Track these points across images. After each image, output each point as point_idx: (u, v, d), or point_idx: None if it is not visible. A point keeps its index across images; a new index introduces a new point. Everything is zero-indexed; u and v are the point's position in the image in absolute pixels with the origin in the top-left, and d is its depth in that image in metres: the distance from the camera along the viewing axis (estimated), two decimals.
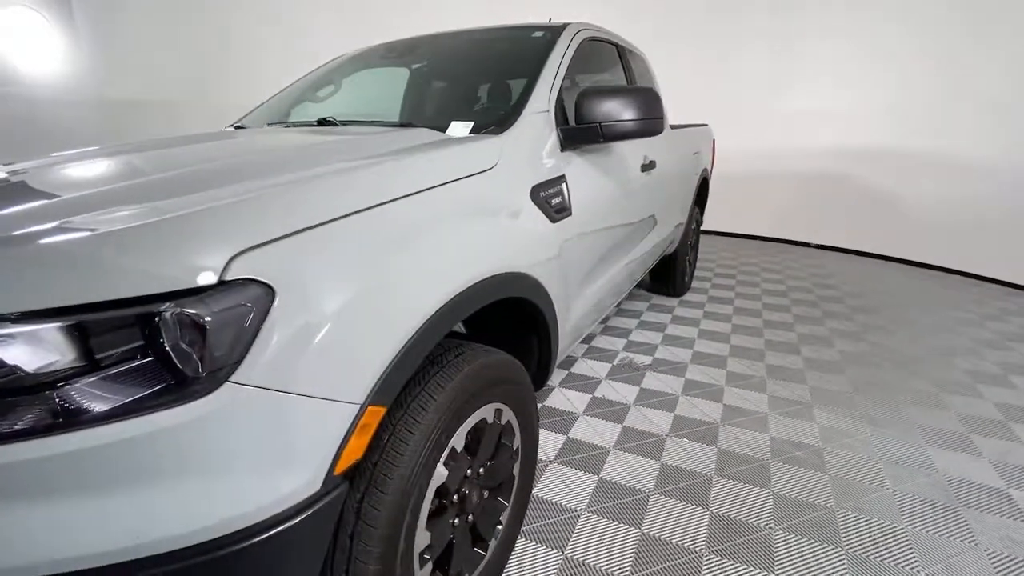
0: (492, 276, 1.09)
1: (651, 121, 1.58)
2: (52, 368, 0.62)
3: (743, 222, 6.33)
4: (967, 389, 2.49)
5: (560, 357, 1.70)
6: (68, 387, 0.62)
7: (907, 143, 5.04)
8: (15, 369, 0.61)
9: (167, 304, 0.64)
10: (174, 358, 0.65)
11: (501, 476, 1.34)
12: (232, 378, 0.68)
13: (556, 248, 1.43)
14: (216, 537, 0.68)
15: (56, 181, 1.06)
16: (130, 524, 0.64)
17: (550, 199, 1.39)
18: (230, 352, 0.68)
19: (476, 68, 1.91)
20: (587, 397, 2.37)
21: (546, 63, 1.64)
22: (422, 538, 1.02)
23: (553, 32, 1.82)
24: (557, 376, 2.58)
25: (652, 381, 2.52)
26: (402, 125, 1.52)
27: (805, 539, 1.53)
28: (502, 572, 1.39)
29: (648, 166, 2.28)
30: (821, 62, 5.44)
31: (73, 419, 0.62)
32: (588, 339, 3.04)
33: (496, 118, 1.44)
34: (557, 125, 1.55)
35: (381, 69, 2.19)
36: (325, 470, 0.76)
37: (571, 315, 1.66)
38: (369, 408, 0.80)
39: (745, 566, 1.44)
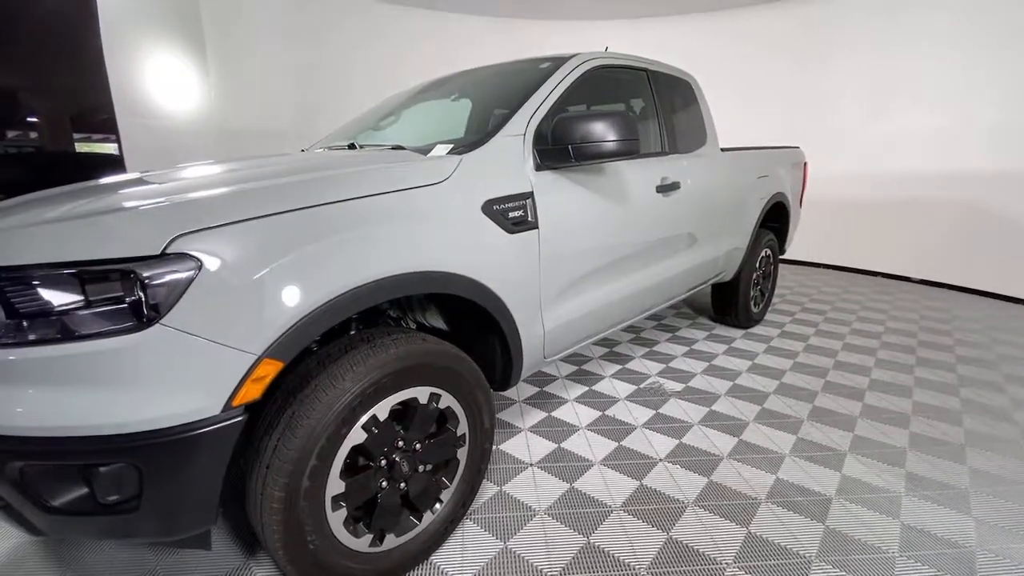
0: (412, 272, 1.28)
1: (625, 143, 1.65)
2: (60, 301, 0.95)
3: (861, 255, 5.63)
4: None
5: (532, 363, 1.80)
6: (66, 314, 0.95)
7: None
8: (43, 300, 0.95)
9: (127, 264, 0.95)
10: (125, 301, 0.96)
11: (441, 456, 1.50)
12: (162, 321, 0.96)
13: (511, 257, 1.57)
14: (144, 431, 0.96)
15: (133, 185, 1.48)
16: (92, 411, 0.95)
17: (507, 212, 1.55)
18: (163, 301, 0.97)
19: (488, 97, 2.13)
20: (596, 414, 2.39)
21: (535, 92, 1.81)
22: (335, 485, 1.23)
23: (556, 63, 1.98)
24: (574, 390, 2.63)
25: (672, 408, 2.45)
26: (394, 148, 1.80)
27: None
28: (439, 546, 1.53)
29: (668, 187, 2.28)
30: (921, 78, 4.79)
31: (67, 335, 0.95)
32: (622, 360, 3.03)
33: (471, 141, 1.64)
34: (535, 147, 1.70)
35: (432, 101, 2.52)
36: (224, 400, 1.01)
37: (543, 324, 1.76)
38: (265, 360, 1.04)
39: None
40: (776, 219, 3.71)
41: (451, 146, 1.64)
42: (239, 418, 1.04)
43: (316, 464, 1.16)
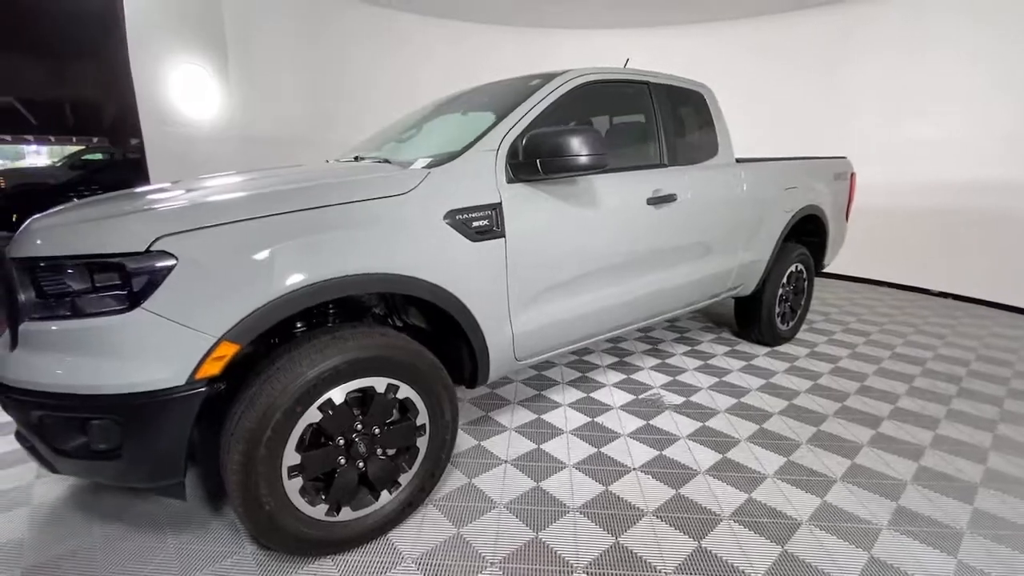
0: (364, 274, 1.43)
1: (591, 158, 1.72)
2: (71, 286, 1.21)
3: (930, 274, 5.14)
4: None
5: (502, 364, 1.91)
6: (75, 296, 1.20)
7: None
8: (60, 284, 1.21)
9: (119, 259, 1.19)
10: (116, 288, 1.19)
11: (401, 443, 1.64)
12: (143, 305, 1.19)
13: (474, 263, 1.68)
14: (124, 393, 1.19)
15: (149, 194, 1.75)
16: (88, 374, 1.19)
17: (470, 221, 1.67)
18: (144, 290, 1.19)
19: (482, 112, 2.26)
20: (586, 420, 2.44)
21: (515, 108, 1.92)
22: (291, 457, 1.41)
23: (544, 80, 2.08)
24: (571, 395, 2.69)
25: (665, 420, 2.44)
26: (383, 161, 1.97)
27: None
28: (396, 525, 1.68)
29: (662, 199, 2.29)
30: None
31: (75, 312, 1.20)
32: (630, 370, 3.03)
33: (448, 155, 1.78)
34: (509, 162, 1.81)
35: (449, 115, 2.69)
36: (188, 373, 1.21)
37: (512, 328, 1.86)
38: (224, 342, 1.24)
39: None
40: (812, 233, 3.53)
41: (429, 160, 1.79)
42: (201, 389, 1.24)
43: (272, 436, 1.35)
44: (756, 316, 3.28)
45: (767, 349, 3.40)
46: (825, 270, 3.88)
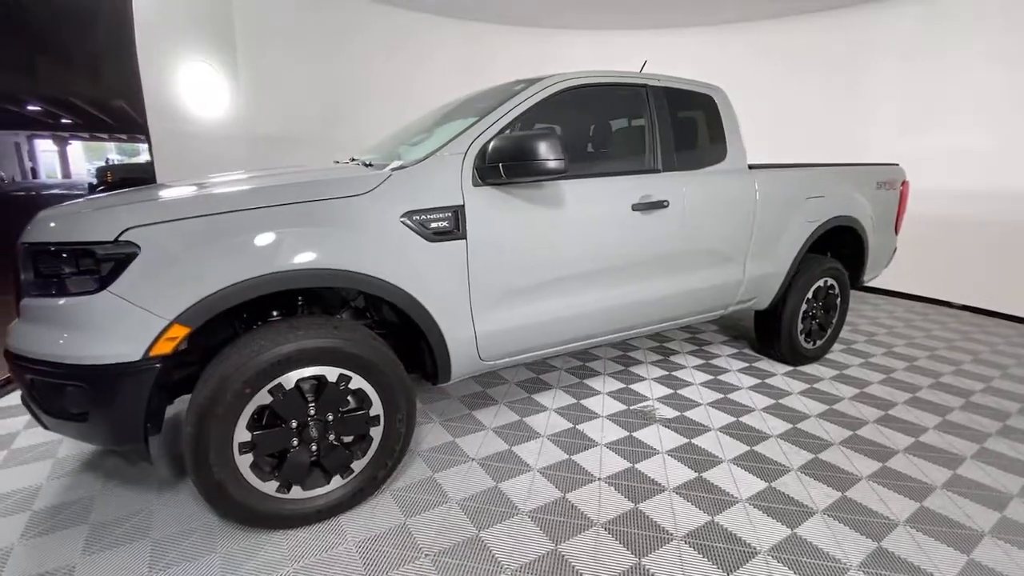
0: (314, 269, 1.53)
1: (550, 162, 1.72)
2: (57, 268, 1.40)
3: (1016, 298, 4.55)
4: None
5: (466, 362, 1.94)
6: (58, 277, 1.39)
7: None
8: (49, 266, 1.40)
9: (91, 246, 1.36)
10: (90, 272, 1.36)
11: (353, 431, 1.73)
12: (109, 288, 1.35)
13: (431, 262, 1.74)
14: (90, 364, 1.36)
15: (141, 191, 1.96)
16: (64, 346, 1.37)
17: (428, 223, 1.72)
18: (111, 275, 1.35)
19: (472, 117, 2.30)
20: (567, 426, 2.42)
21: (489, 113, 1.95)
22: (241, 434, 1.53)
23: (528, 84, 2.09)
24: (560, 401, 2.67)
25: (648, 433, 2.37)
26: (365, 164, 2.07)
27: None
28: (349, 509, 1.76)
29: (651, 206, 2.23)
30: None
31: (59, 291, 1.39)
32: (631, 379, 2.95)
33: (417, 158, 1.84)
34: (476, 166, 1.84)
35: (453, 119, 2.76)
36: (143, 350, 1.36)
37: (475, 328, 1.90)
38: (175, 324, 1.38)
39: None
40: (847, 245, 3.26)
41: (400, 162, 1.87)
42: (156, 366, 1.39)
43: (222, 413, 1.47)
44: (775, 332, 3.09)
45: (788, 368, 3.18)
46: (889, 288, 3.57)
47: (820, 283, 3.10)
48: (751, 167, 2.67)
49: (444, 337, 1.84)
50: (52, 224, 1.46)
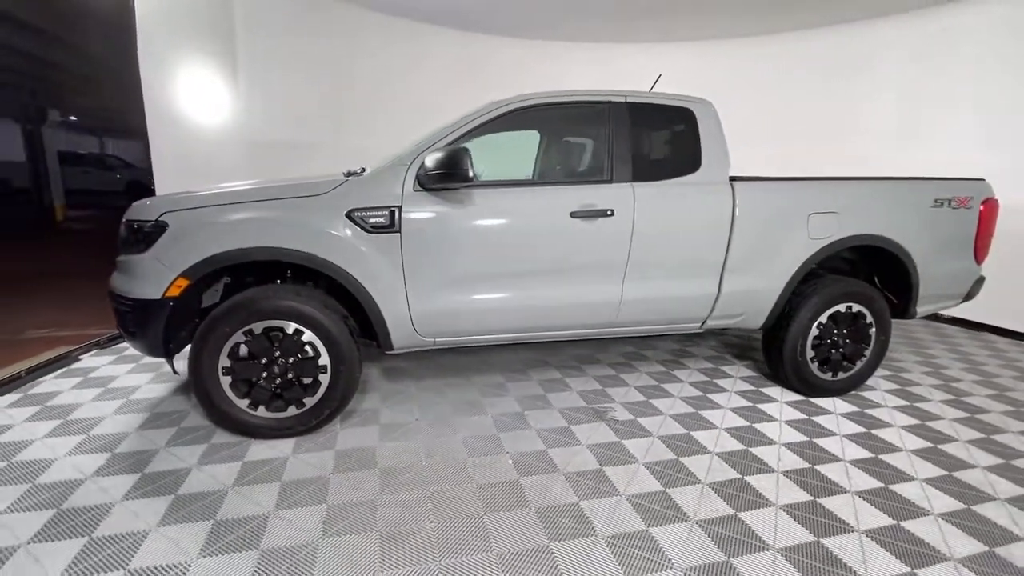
0: (279, 247, 2.10)
1: (453, 172, 2.10)
2: (134, 236, 2.19)
3: None
4: None
5: (404, 335, 2.37)
6: (132, 242, 2.18)
7: None
8: (131, 233, 2.21)
9: (143, 223, 2.12)
10: (142, 240, 2.12)
11: (306, 374, 2.27)
12: (147, 252, 2.10)
13: (368, 250, 2.20)
14: (135, 299, 2.12)
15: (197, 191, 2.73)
16: (128, 286, 2.16)
17: (367, 218, 2.20)
18: (151, 243, 2.10)
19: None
20: (517, 410, 2.67)
21: (439, 129, 2.35)
22: (224, 361, 2.18)
23: (491, 105, 2.42)
24: (529, 390, 2.91)
25: (587, 429, 2.50)
26: (352, 173, 2.60)
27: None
28: (302, 434, 2.31)
29: (593, 213, 2.39)
30: None
31: (130, 251, 2.18)
32: (614, 384, 3.05)
33: (377, 167, 2.33)
34: (419, 174, 2.26)
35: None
36: (161, 292, 2.07)
37: (409, 306, 2.31)
38: (180, 278, 2.06)
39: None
40: (887, 269, 2.88)
41: (368, 169, 2.38)
42: (170, 304, 2.09)
43: (212, 344, 2.13)
44: (779, 355, 2.88)
45: (798, 398, 2.93)
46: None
47: (841, 308, 2.81)
48: (735, 179, 2.60)
49: (381, 311, 2.29)
50: (131, 208, 2.27)
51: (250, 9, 4.72)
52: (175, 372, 2.34)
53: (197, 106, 4.39)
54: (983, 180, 2.96)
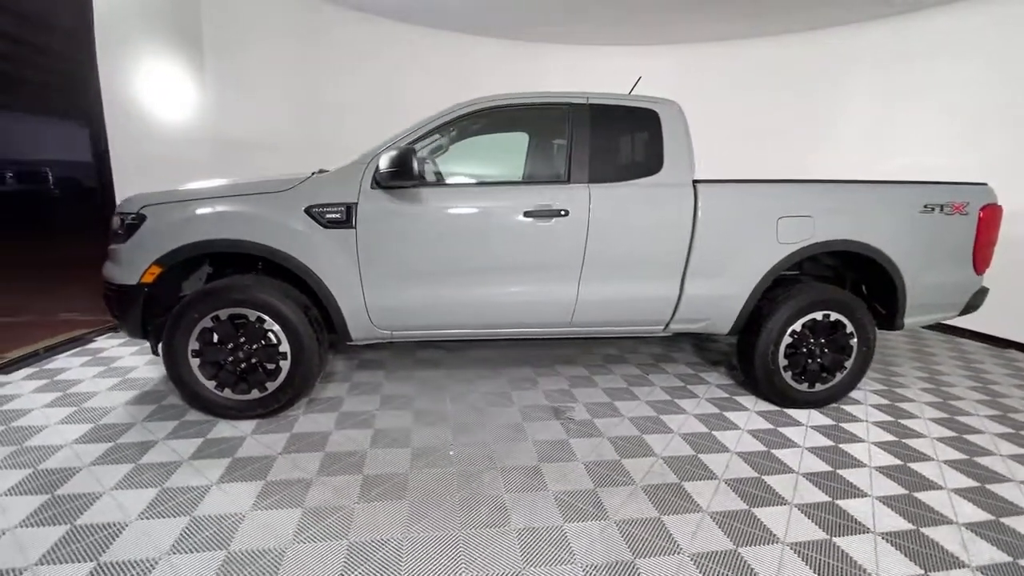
0: (241, 239, 2.25)
1: (398, 172, 2.20)
2: (116, 228, 2.42)
3: None
4: None
5: (360, 326, 2.48)
6: (118, 232, 2.40)
7: None
8: (117, 223, 2.44)
9: (127, 215, 2.33)
10: (126, 230, 2.34)
11: (268, 360, 2.42)
12: (128, 240, 2.30)
13: (324, 244, 2.33)
14: (118, 284, 2.33)
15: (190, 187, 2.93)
16: (113, 272, 2.38)
17: (324, 214, 2.32)
18: (132, 233, 2.30)
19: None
20: (475, 409, 2.73)
21: (402, 131, 2.45)
22: (193, 344, 2.35)
23: (450, 108, 2.50)
24: (491, 385, 2.97)
25: (538, 426, 2.52)
26: (320, 172, 2.74)
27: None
28: (264, 417, 2.46)
29: (547, 213, 2.42)
30: None
31: (116, 240, 2.40)
32: (582, 384, 3.06)
33: (340, 166, 2.46)
34: (376, 173, 2.36)
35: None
36: (136, 278, 2.27)
37: (365, 299, 2.42)
38: (153, 265, 2.25)
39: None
40: (873, 277, 2.74)
41: (326, 169, 2.52)
42: (144, 289, 2.29)
43: (182, 327, 2.31)
44: (750, 362, 2.80)
45: (771, 408, 2.83)
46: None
47: (817, 316, 2.70)
48: (698, 182, 2.56)
49: (339, 303, 2.41)
50: (120, 201, 2.50)
51: (218, 7, 4.57)
52: (155, 354, 2.55)
53: (158, 98, 4.17)
54: (984, 184, 2.77)
